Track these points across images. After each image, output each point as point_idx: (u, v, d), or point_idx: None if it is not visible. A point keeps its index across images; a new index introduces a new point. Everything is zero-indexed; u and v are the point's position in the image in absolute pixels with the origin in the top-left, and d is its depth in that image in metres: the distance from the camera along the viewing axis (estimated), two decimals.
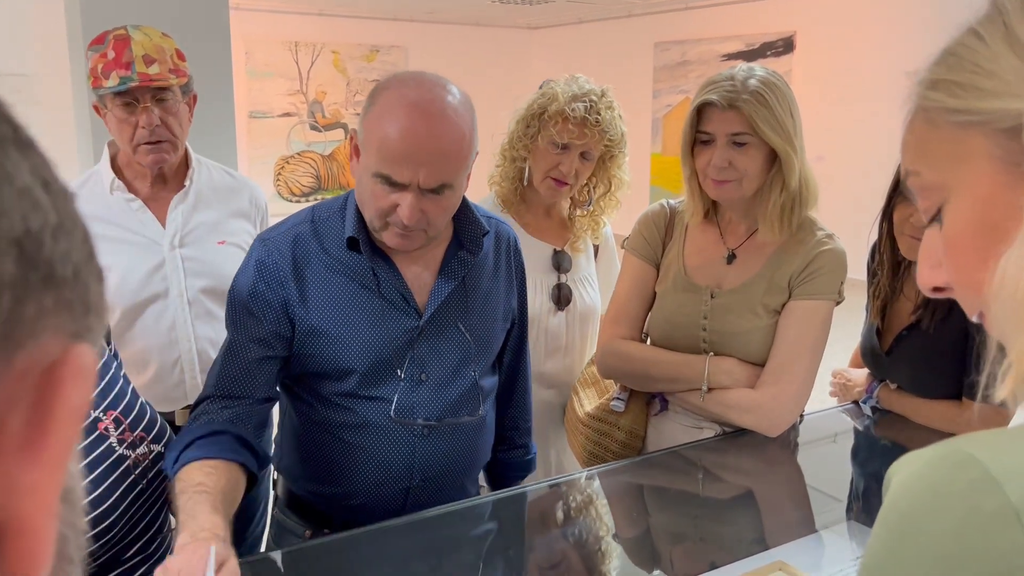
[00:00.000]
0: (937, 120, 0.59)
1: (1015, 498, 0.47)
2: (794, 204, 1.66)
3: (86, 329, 0.28)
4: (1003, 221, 0.56)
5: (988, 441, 0.51)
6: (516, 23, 11.08)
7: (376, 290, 1.42)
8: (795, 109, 1.63)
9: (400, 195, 1.31)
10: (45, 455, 0.26)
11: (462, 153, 1.33)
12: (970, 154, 0.57)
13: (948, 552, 0.48)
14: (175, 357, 1.92)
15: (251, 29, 9.23)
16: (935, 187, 0.61)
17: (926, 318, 1.78)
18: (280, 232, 1.46)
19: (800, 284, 1.68)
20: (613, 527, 1.54)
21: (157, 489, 1.30)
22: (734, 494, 1.70)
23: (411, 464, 1.45)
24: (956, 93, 0.57)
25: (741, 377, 1.70)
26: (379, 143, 1.29)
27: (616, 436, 1.86)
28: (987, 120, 0.56)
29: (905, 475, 0.52)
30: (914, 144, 0.63)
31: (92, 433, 1.20)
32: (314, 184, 10.32)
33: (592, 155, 1.98)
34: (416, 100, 1.29)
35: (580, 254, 2.12)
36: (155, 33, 1.84)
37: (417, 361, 1.43)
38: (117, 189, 1.90)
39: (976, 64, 0.57)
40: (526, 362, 1.70)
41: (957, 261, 0.61)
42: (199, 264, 1.93)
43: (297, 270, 1.41)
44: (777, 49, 8.64)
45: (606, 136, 1.95)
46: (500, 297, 1.55)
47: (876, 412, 1.93)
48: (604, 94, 1.97)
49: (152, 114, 1.81)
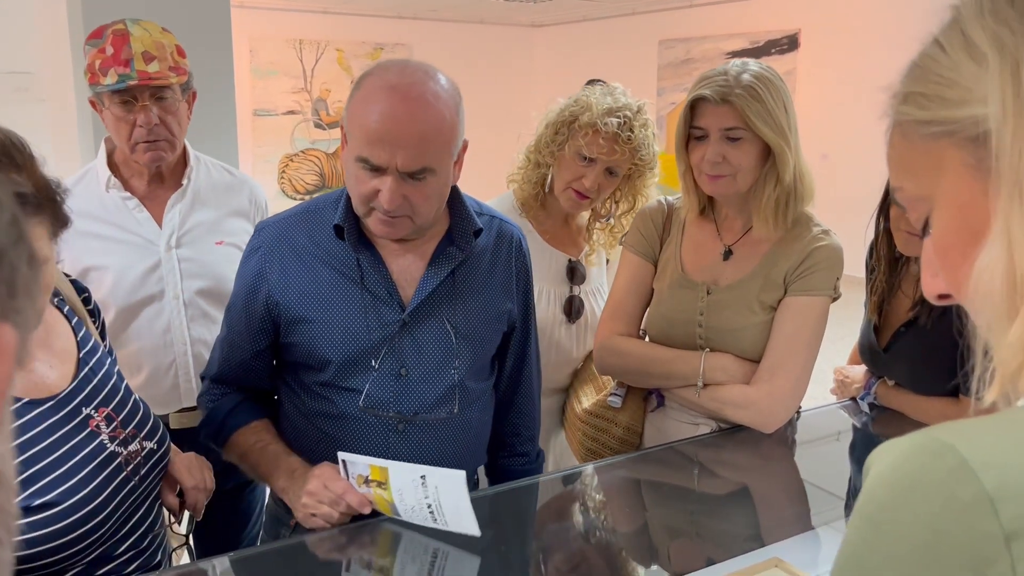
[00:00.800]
0: (910, 134, 0.60)
1: (991, 487, 0.47)
2: (789, 199, 1.66)
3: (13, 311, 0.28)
4: (983, 227, 0.56)
5: (965, 430, 0.51)
6: (520, 21, 11.08)
7: (359, 281, 1.42)
8: (789, 104, 1.63)
9: (380, 179, 1.31)
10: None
11: (442, 138, 1.32)
12: (945, 165, 0.58)
13: (925, 541, 0.48)
14: (170, 360, 1.88)
15: (255, 27, 9.24)
16: (919, 199, 0.62)
17: (924, 315, 1.78)
18: (274, 221, 1.50)
19: (796, 280, 1.68)
20: (610, 523, 1.54)
21: (150, 485, 1.30)
22: (731, 490, 1.70)
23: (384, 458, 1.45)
24: (924, 105, 0.58)
25: (736, 373, 1.70)
26: (359, 127, 1.30)
27: (613, 432, 1.86)
28: (954, 130, 0.56)
29: (882, 464, 0.52)
30: (895, 159, 0.64)
31: (83, 430, 1.20)
32: (318, 182, 10.33)
33: (618, 172, 1.92)
34: (395, 84, 1.29)
35: (593, 266, 2.09)
36: (155, 28, 1.80)
37: (397, 354, 1.43)
38: (113, 187, 1.86)
39: (939, 75, 0.57)
40: (530, 369, 1.66)
41: (947, 268, 0.61)
42: (196, 265, 1.89)
43: (284, 259, 1.44)
44: (781, 47, 8.63)
45: (637, 155, 1.90)
46: (494, 297, 1.52)
47: (874, 408, 1.93)
48: (640, 110, 1.90)
49: (151, 113, 1.77)
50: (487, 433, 1.61)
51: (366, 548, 1.35)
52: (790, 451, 1.80)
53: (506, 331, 1.57)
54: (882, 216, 1.82)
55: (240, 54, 8.94)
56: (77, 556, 1.14)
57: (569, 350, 2.04)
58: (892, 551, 0.50)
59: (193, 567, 1.48)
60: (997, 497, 0.46)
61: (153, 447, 1.31)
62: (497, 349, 1.57)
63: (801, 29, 8.45)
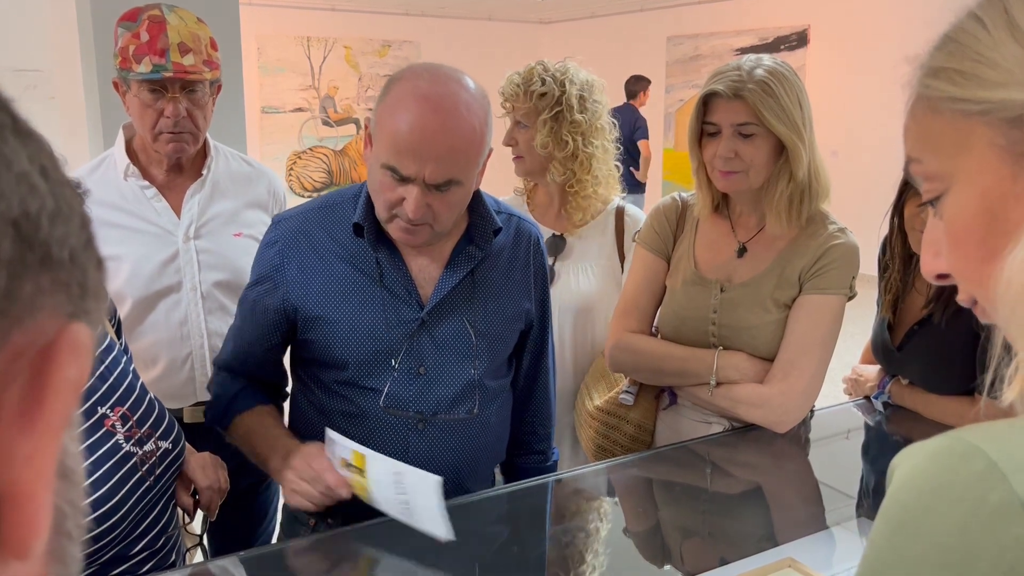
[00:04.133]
0: (940, 108, 0.58)
1: (1021, 490, 0.46)
2: (803, 196, 1.64)
3: (83, 311, 0.30)
4: (1005, 212, 0.55)
5: (993, 432, 0.50)
6: (528, 17, 11.07)
7: (378, 279, 1.41)
8: (804, 100, 1.61)
9: (406, 188, 1.30)
10: (41, 426, 0.28)
11: (471, 150, 1.31)
12: (972, 143, 0.56)
13: (952, 545, 0.47)
14: (186, 353, 1.85)
15: (263, 24, 9.25)
16: (937, 176, 0.60)
17: (938, 313, 1.77)
18: (293, 215, 1.49)
19: (811, 278, 1.66)
20: (622, 522, 1.54)
21: (165, 485, 1.30)
22: (744, 489, 1.69)
23: (404, 458, 1.42)
24: (958, 82, 0.57)
25: (750, 372, 1.69)
26: (389, 134, 1.29)
27: (625, 430, 1.85)
28: (990, 110, 0.55)
29: (908, 467, 0.51)
30: (916, 131, 0.62)
31: (99, 430, 1.20)
32: (326, 179, 10.35)
33: (526, 122, 2.03)
34: (427, 93, 1.28)
35: (580, 238, 2.08)
36: (191, 18, 1.75)
37: (416, 353, 1.42)
38: (132, 175, 1.82)
39: (978, 53, 0.56)
40: (547, 367, 1.65)
41: (958, 251, 0.60)
42: (214, 257, 1.86)
43: (303, 255, 1.43)
44: (791, 43, 8.60)
45: (534, 95, 2.00)
46: (512, 296, 1.52)
47: (888, 407, 1.91)
48: (547, 67, 2.04)
49: (179, 105, 1.73)
50: (507, 431, 1.60)
51: (379, 547, 1.35)
52: (803, 450, 1.79)
53: (523, 329, 1.56)
54: (896, 214, 1.81)
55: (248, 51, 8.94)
56: (92, 557, 1.14)
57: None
58: (919, 555, 0.49)
59: (205, 566, 1.48)
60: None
61: (168, 447, 1.30)
62: (514, 347, 1.56)
63: (810, 25, 8.41)
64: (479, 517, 1.50)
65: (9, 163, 0.27)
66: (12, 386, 0.27)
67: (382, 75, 10.14)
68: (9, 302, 0.26)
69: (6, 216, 0.26)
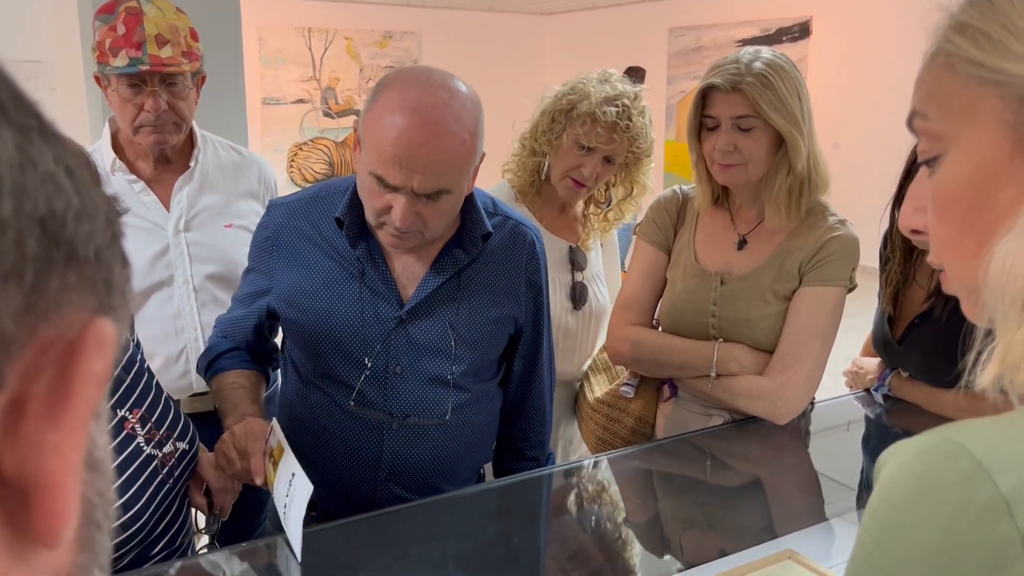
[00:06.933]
0: (957, 67, 0.56)
1: (1006, 489, 0.46)
2: (802, 188, 1.64)
3: (109, 307, 0.31)
4: (995, 189, 0.54)
5: (978, 430, 0.49)
6: (529, 9, 11.03)
7: (359, 275, 1.41)
8: (803, 92, 1.61)
9: (394, 196, 1.28)
10: (68, 418, 0.28)
11: (460, 161, 1.29)
12: (981, 113, 0.55)
13: (938, 545, 0.47)
14: (181, 347, 1.84)
15: (264, 16, 9.22)
16: (938, 136, 0.59)
17: (939, 307, 1.76)
18: (284, 202, 1.50)
19: (811, 270, 1.67)
20: (622, 514, 1.54)
21: (182, 485, 1.30)
22: (744, 482, 1.69)
23: (378, 457, 1.42)
24: (982, 44, 0.54)
25: (750, 364, 1.69)
26: (375, 143, 1.27)
27: (625, 422, 1.86)
28: (1006, 82, 0.53)
29: (895, 465, 0.51)
30: (928, 85, 0.60)
31: (119, 433, 1.19)
32: (327, 171, 10.34)
33: (616, 160, 1.91)
34: (415, 104, 1.24)
35: (590, 251, 2.08)
36: (169, 8, 1.72)
37: (392, 352, 1.40)
38: (118, 169, 1.80)
39: (1009, 19, 0.53)
40: (541, 374, 1.61)
41: (940, 216, 0.59)
42: (206, 249, 1.84)
43: (287, 242, 1.44)
44: (793, 34, 8.57)
45: (635, 143, 1.89)
46: (501, 300, 1.47)
47: (888, 400, 1.91)
48: (637, 97, 1.88)
49: (159, 99, 1.71)
50: (491, 432, 1.58)
51: (380, 540, 1.35)
52: (803, 442, 1.79)
53: (512, 334, 1.53)
54: (897, 207, 1.80)
55: (249, 43, 8.93)
56: (115, 559, 1.15)
57: (576, 336, 2.03)
58: (905, 554, 0.49)
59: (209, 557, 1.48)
60: (1013, 500, 0.45)
61: (185, 447, 1.30)
62: (505, 351, 1.54)
63: (813, 16, 8.38)
64: (477, 508, 1.50)
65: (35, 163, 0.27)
66: (40, 379, 0.28)
67: (383, 66, 10.13)
68: (36, 298, 0.27)
69: (32, 215, 0.27)
